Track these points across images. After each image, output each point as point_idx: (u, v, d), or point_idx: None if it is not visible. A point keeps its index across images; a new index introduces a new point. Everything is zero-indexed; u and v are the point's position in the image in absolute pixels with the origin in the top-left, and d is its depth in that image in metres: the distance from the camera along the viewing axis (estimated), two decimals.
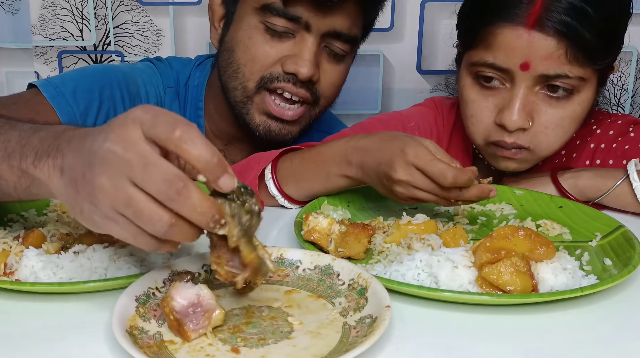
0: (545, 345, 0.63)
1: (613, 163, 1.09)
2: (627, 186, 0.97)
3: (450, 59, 1.65)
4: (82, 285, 0.69)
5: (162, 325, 0.63)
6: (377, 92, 1.68)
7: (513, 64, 0.98)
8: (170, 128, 0.53)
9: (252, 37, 1.08)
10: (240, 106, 1.13)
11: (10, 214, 0.92)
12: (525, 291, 0.69)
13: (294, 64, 1.06)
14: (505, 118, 1.00)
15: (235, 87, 1.12)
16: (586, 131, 1.15)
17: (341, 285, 0.70)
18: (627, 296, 0.73)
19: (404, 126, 1.20)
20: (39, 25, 1.64)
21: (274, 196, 0.98)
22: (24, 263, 0.74)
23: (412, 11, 1.62)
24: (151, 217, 0.53)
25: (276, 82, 1.08)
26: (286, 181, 0.98)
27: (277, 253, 0.75)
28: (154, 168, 0.52)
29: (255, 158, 1.03)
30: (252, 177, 0.98)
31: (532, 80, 0.98)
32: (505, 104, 1.01)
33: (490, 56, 0.99)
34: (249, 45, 1.08)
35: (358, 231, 0.81)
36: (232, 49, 1.11)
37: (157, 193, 0.53)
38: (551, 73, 0.97)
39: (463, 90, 1.07)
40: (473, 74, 1.04)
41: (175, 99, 1.23)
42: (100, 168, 0.53)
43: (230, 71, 1.12)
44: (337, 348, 0.59)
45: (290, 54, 1.07)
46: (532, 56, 0.96)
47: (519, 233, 0.74)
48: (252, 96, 1.11)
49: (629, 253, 0.79)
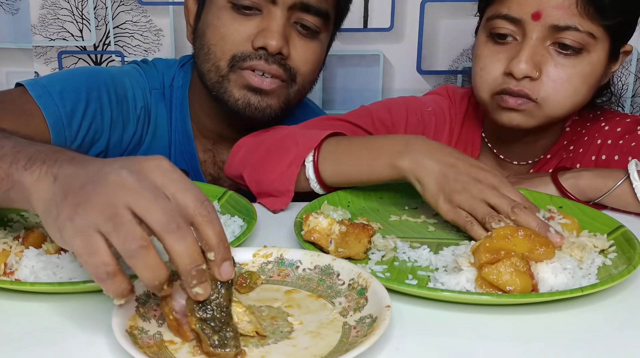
0: (545, 345, 0.63)
1: (618, 159, 1.09)
2: (627, 186, 0.97)
3: (450, 59, 1.66)
4: (82, 285, 0.69)
5: (162, 325, 0.63)
6: (377, 92, 1.68)
7: (525, 14, 1.01)
8: (199, 201, 0.57)
9: (221, 17, 1.09)
10: (217, 87, 1.12)
11: (10, 214, 0.92)
12: (525, 291, 0.69)
13: (263, 38, 1.07)
14: (513, 65, 1.02)
15: (209, 69, 1.12)
16: (595, 127, 1.15)
17: (341, 285, 0.70)
18: (627, 296, 0.73)
19: (422, 110, 1.21)
20: (39, 25, 1.64)
21: (308, 178, 0.98)
22: (24, 263, 0.74)
23: (412, 11, 1.62)
24: (130, 231, 0.53)
25: (248, 61, 1.09)
26: (324, 162, 0.97)
27: (277, 253, 0.75)
28: (163, 202, 0.54)
29: (290, 136, 1.02)
30: (290, 160, 0.97)
31: (542, 31, 1.01)
32: (515, 55, 1.03)
33: (505, 7, 1.03)
34: (218, 25, 1.09)
35: (358, 231, 0.81)
36: (203, 32, 1.12)
37: (154, 221, 0.54)
38: (561, 24, 0.99)
39: (477, 49, 1.10)
40: (488, 32, 1.07)
41: (161, 101, 1.22)
42: (103, 188, 0.55)
43: (202, 54, 1.13)
44: (337, 348, 0.59)
45: (259, 30, 1.08)
46: (543, 5, 0.99)
47: (519, 233, 0.74)
48: (226, 75, 1.11)
49: (629, 253, 0.79)
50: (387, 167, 0.93)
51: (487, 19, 1.06)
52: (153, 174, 0.56)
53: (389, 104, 1.22)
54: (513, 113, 1.06)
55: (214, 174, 1.25)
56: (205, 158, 1.26)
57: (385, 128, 1.16)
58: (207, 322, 0.58)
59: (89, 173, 0.57)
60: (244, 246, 0.81)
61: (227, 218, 0.90)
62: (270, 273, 0.74)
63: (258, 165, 1.02)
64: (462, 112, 1.24)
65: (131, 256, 0.53)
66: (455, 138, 1.23)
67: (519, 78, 1.02)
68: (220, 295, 0.59)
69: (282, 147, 1.01)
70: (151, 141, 1.22)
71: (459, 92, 1.27)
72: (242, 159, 1.07)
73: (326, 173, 0.97)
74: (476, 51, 1.10)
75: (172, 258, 0.55)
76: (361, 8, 1.63)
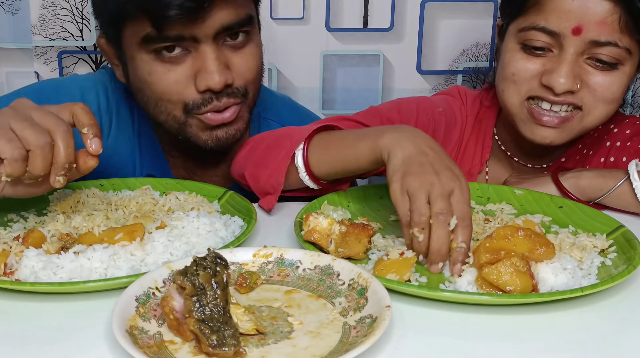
0: (545, 345, 0.63)
1: (626, 161, 1.09)
2: (627, 186, 0.97)
3: (450, 59, 1.65)
4: (82, 285, 0.69)
5: (162, 325, 0.63)
6: (377, 92, 1.68)
7: (565, 28, 0.98)
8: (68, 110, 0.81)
9: (151, 72, 1.02)
10: (182, 132, 1.08)
11: (10, 214, 0.92)
12: (525, 291, 0.69)
13: (204, 81, 1.00)
14: (553, 81, 1.00)
15: (165, 120, 1.08)
16: (604, 129, 1.15)
17: (341, 285, 0.70)
18: (627, 296, 0.73)
19: (433, 110, 1.20)
20: (39, 25, 1.64)
21: (297, 167, 0.95)
22: (24, 263, 0.74)
23: (412, 11, 1.62)
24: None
25: (202, 108, 1.04)
26: (313, 150, 0.95)
27: (277, 253, 0.75)
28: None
29: (286, 134, 1.01)
30: (283, 154, 0.96)
31: (581, 46, 0.99)
32: (553, 67, 1.01)
33: (542, 19, 1.00)
34: (154, 81, 1.02)
35: (358, 231, 0.81)
36: (141, 88, 1.06)
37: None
38: (602, 39, 0.97)
39: (505, 55, 1.07)
40: (520, 41, 1.04)
41: (123, 103, 1.19)
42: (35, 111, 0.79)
43: (151, 108, 1.07)
44: (337, 348, 0.59)
45: (196, 70, 1.02)
46: (585, 19, 0.97)
47: (519, 233, 0.74)
48: (186, 122, 1.06)
49: (629, 253, 0.79)
50: (368, 148, 0.88)
51: (521, 29, 1.03)
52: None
53: (398, 104, 1.21)
54: (547, 130, 1.05)
55: (186, 177, 1.22)
56: (176, 164, 1.22)
57: None
58: (205, 322, 0.58)
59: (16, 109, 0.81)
60: (244, 246, 0.81)
61: (227, 218, 0.90)
62: (270, 273, 0.74)
63: (257, 162, 1.02)
64: (473, 113, 1.23)
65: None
66: (466, 139, 1.22)
67: (559, 93, 1.01)
68: (217, 295, 0.59)
69: (279, 143, 1.00)
70: (116, 136, 1.17)
71: (471, 94, 1.26)
72: (245, 156, 1.07)
73: (313, 159, 0.95)
74: (504, 58, 1.07)
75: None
76: (361, 8, 1.63)
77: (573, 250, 0.79)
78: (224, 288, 0.60)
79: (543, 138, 1.06)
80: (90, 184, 1.03)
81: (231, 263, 0.73)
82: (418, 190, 0.77)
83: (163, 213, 0.93)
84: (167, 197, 0.99)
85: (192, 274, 0.59)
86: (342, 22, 1.64)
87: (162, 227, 0.83)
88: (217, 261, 0.61)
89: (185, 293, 0.59)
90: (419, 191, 0.77)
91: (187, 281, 0.59)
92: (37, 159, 0.76)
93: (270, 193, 0.98)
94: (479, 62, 1.64)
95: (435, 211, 0.76)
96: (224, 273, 0.61)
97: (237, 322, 0.60)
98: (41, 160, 0.76)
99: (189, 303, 0.59)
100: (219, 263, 0.61)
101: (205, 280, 0.59)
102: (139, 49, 1.01)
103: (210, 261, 0.61)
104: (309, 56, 1.66)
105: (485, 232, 0.88)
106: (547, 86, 1.02)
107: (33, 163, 0.76)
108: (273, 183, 0.96)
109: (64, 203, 0.93)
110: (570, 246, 0.81)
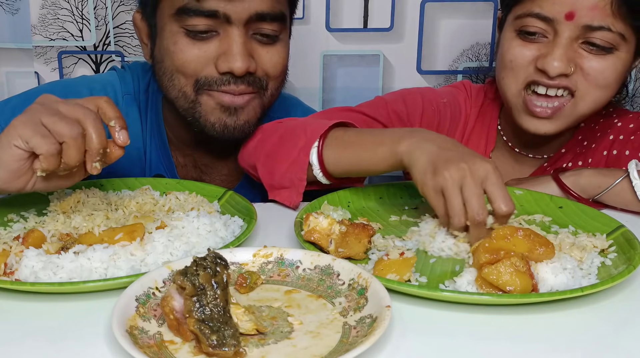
0: (545, 345, 0.63)
1: (629, 155, 1.11)
2: (627, 184, 0.98)
3: (450, 59, 1.66)
4: (82, 285, 0.69)
5: (162, 325, 0.63)
6: (377, 92, 1.68)
7: (558, 13, 1.01)
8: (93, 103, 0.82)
9: (177, 42, 1.05)
10: (191, 113, 1.09)
11: (10, 214, 0.92)
12: (525, 291, 0.69)
13: (227, 62, 1.03)
14: (546, 64, 1.03)
15: (176, 96, 1.09)
16: (607, 123, 1.17)
17: (341, 285, 0.70)
18: (627, 296, 0.73)
19: (438, 101, 1.22)
20: (39, 25, 1.64)
21: (311, 164, 0.96)
22: (24, 263, 0.74)
23: (412, 11, 1.62)
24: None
25: (215, 87, 1.05)
26: (328, 148, 0.96)
27: (278, 253, 0.75)
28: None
29: (300, 126, 1.01)
30: (299, 148, 0.96)
31: (575, 31, 1.01)
32: (548, 51, 1.03)
33: (537, 6, 1.03)
34: (175, 51, 1.05)
35: (358, 231, 0.81)
36: (162, 59, 1.08)
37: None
38: (595, 24, 0.99)
39: (503, 44, 1.10)
40: (516, 29, 1.07)
41: (133, 106, 1.20)
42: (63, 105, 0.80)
43: (166, 81, 1.09)
44: (337, 348, 0.59)
45: (220, 52, 1.04)
46: (577, 5, 0.99)
47: (519, 233, 0.74)
48: (196, 100, 1.08)
49: (629, 253, 0.79)
50: (387, 153, 0.90)
51: (517, 16, 1.06)
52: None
53: (404, 95, 1.22)
54: (540, 121, 1.07)
55: (196, 178, 1.23)
56: (186, 162, 1.24)
57: (400, 120, 1.16)
58: (205, 322, 0.58)
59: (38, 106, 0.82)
60: (244, 246, 0.81)
61: (227, 218, 0.90)
62: (271, 273, 0.74)
63: (269, 154, 1.02)
64: (477, 105, 1.25)
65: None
66: (470, 130, 1.24)
67: (553, 76, 1.03)
68: (217, 295, 0.59)
69: (293, 136, 1.00)
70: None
71: (475, 87, 1.28)
72: (255, 146, 1.07)
73: (329, 159, 0.96)
74: (502, 47, 1.10)
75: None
76: (361, 8, 1.63)
77: (573, 250, 0.79)
78: (224, 288, 0.60)
79: (537, 129, 1.09)
80: (90, 184, 1.03)
81: (231, 263, 0.73)
82: (452, 187, 0.79)
83: (163, 213, 0.93)
84: (167, 197, 0.99)
85: (192, 274, 0.59)
86: (342, 22, 1.64)
87: (162, 227, 0.83)
88: (217, 261, 0.61)
89: (185, 293, 0.59)
90: (453, 187, 0.79)
91: (187, 281, 0.59)
92: (72, 150, 0.77)
93: (286, 187, 0.99)
94: (479, 62, 1.65)
95: (471, 216, 0.78)
96: (224, 273, 0.61)
97: (237, 322, 0.61)
98: (75, 151, 0.78)
99: (189, 303, 0.59)
100: (219, 263, 0.61)
101: (205, 280, 0.59)
102: (171, 21, 1.04)
103: (210, 261, 0.61)
104: (309, 56, 1.66)
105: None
106: (542, 70, 1.04)
107: (68, 154, 0.78)
108: (292, 178, 0.98)
109: (64, 203, 0.93)
110: (570, 246, 0.81)
